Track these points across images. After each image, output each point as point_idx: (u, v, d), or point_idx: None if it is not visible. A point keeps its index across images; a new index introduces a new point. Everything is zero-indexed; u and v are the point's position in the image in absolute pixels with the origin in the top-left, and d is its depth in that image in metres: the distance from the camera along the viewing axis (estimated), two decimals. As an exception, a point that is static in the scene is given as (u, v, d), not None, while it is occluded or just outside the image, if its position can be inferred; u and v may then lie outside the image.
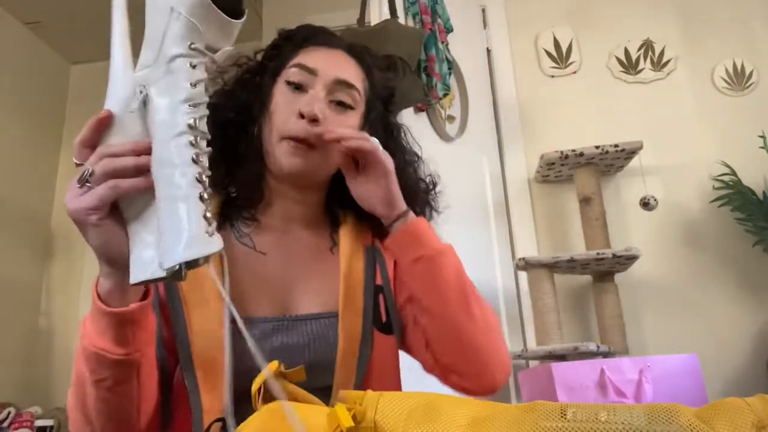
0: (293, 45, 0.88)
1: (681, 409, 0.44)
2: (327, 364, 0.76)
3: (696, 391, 1.63)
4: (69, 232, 2.96)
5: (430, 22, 1.87)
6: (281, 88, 0.84)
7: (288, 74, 0.84)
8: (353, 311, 0.80)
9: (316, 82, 0.82)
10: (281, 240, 0.86)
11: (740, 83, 2.37)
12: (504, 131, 2.42)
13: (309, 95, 0.81)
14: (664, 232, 2.25)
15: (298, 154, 0.80)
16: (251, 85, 0.87)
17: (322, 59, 0.84)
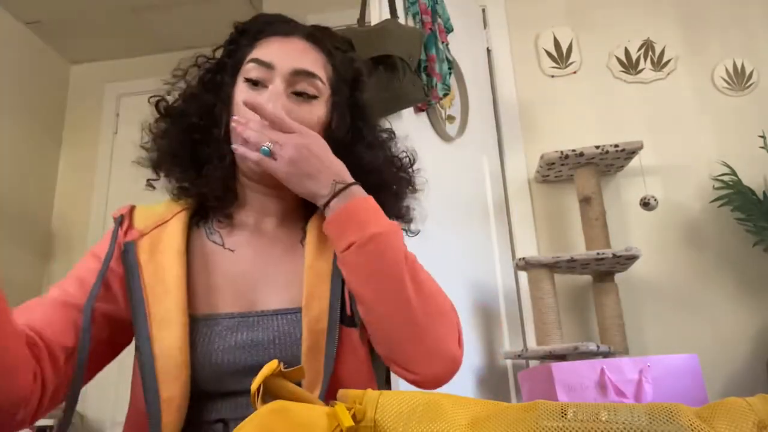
0: (249, 38, 0.86)
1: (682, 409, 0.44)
2: (293, 360, 0.74)
3: (696, 391, 1.63)
4: (69, 232, 2.96)
5: (430, 22, 1.86)
6: (241, 87, 0.82)
7: (245, 71, 0.82)
8: (318, 305, 0.77)
9: (274, 75, 0.80)
10: (252, 237, 0.85)
11: (740, 83, 2.37)
12: (504, 131, 2.42)
13: (268, 91, 0.80)
14: (664, 232, 2.25)
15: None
16: (212, 85, 0.86)
17: (277, 51, 0.82)
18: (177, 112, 0.86)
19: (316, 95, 0.82)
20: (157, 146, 0.88)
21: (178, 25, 2.99)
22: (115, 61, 3.23)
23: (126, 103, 3.15)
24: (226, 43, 0.88)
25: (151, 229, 0.82)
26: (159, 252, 0.79)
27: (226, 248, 0.84)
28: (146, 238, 0.80)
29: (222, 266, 0.82)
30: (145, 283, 0.76)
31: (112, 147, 3.08)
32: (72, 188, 3.04)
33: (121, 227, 0.82)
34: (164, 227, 0.82)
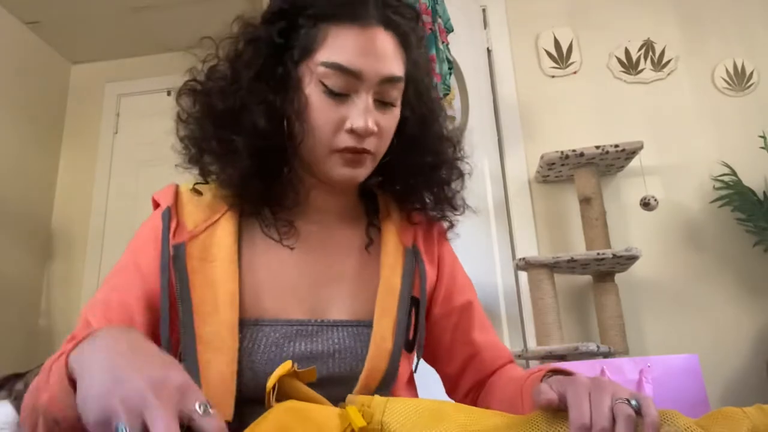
0: (310, 17, 0.71)
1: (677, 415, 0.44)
2: (348, 377, 0.69)
3: (696, 392, 1.63)
4: (69, 232, 2.96)
5: (430, 22, 1.86)
6: (315, 89, 0.70)
7: (322, 74, 0.69)
8: (387, 324, 0.71)
9: (361, 87, 0.69)
10: (313, 235, 0.77)
11: (740, 83, 2.37)
12: (504, 131, 2.42)
13: (356, 106, 0.69)
14: (664, 233, 2.24)
15: (353, 165, 0.71)
16: (271, 76, 0.72)
17: (361, 53, 0.68)
18: (235, 105, 0.72)
19: (397, 102, 0.74)
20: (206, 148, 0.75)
21: (178, 25, 2.99)
22: (115, 61, 3.22)
23: (126, 103, 3.15)
24: (273, 14, 0.73)
25: (201, 230, 0.72)
26: (209, 261, 0.70)
27: (284, 245, 0.75)
28: (197, 241, 0.71)
29: (278, 265, 0.74)
30: (193, 298, 0.67)
31: (112, 147, 3.08)
32: (72, 188, 3.04)
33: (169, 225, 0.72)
34: (214, 229, 0.72)
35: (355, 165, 0.71)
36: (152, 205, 0.77)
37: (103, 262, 2.84)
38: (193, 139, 0.76)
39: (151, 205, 0.78)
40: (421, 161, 0.78)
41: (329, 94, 0.69)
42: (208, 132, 0.74)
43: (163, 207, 0.74)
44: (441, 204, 0.82)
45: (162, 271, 0.69)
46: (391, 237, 0.78)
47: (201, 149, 0.75)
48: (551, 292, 1.95)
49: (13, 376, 1.77)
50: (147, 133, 3.02)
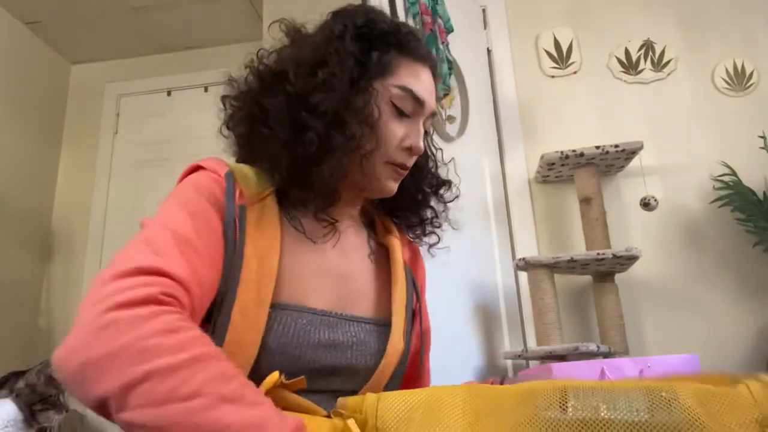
0: (391, 45, 0.81)
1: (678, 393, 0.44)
2: (361, 370, 0.77)
3: (696, 392, 1.63)
4: (69, 232, 2.96)
5: (430, 23, 1.86)
6: (386, 108, 0.80)
7: (395, 96, 0.80)
8: (401, 324, 0.81)
9: (420, 113, 0.82)
10: (332, 234, 0.83)
11: (740, 83, 2.37)
12: (504, 131, 2.42)
13: (415, 128, 0.82)
14: (664, 233, 2.25)
15: (395, 179, 0.83)
16: (355, 81, 0.77)
17: (425, 87, 0.82)
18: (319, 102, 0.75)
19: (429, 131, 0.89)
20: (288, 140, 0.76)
21: (178, 25, 2.98)
22: (115, 61, 3.22)
23: (126, 103, 3.15)
24: (357, 34, 0.80)
25: (255, 200, 0.74)
26: (260, 232, 0.72)
27: (307, 238, 0.79)
28: (253, 209, 0.73)
29: (306, 256, 0.78)
30: (243, 263, 0.68)
31: (112, 147, 3.08)
32: (72, 188, 3.04)
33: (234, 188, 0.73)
34: (264, 204, 0.75)
35: (397, 180, 0.83)
36: (188, 170, 0.75)
37: (103, 262, 2.84)
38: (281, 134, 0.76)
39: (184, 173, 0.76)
40: (421, 185, 0.93)
41: (397, 113, 0.80)
42: (308, 125, 0.74)
43: (219, 171, 0.73)
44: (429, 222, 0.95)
45: (227, 227, 0.68)
46: (398, 253, 0.87)
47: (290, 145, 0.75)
48: (551, 292, 1.95)
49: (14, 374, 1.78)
50: (147, 133, 3.02)
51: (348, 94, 0.76)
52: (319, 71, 0.76)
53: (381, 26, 0.81)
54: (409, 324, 0.84)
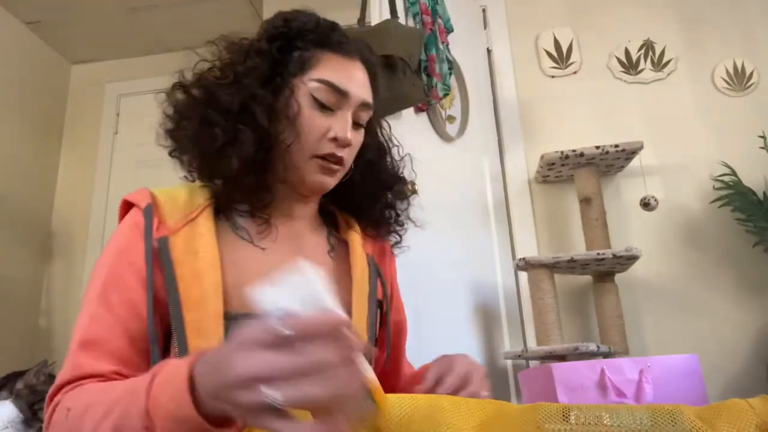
0: (308, 42, 0.82)
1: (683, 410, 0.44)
2: None
3: (696, 392, 1.63)
4: (69, 232, 2.96)
5: (430, 22, 1.86)
6: (306, 101, 0.80)
7: (314, 89, 0.80)
8: (361, 324, 0.79)
9: (345, 105, 0.81)
10: (283, 237, 0.84)
11: (740, 83, 2.37)
12: (504, 131, 2.42)
13: (339, 119, 0.80)
14: (664, 233, 2.24)
15: (326, 172, 0.82)
16: (267, 81, 0.80)
17: (349, 78, 0.82)
18: (241, 102, 0.79)
19: (364, 124, 0.86)
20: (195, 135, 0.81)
21: (178, 25, 2.98)
22: (115, 61, 3.22)
23: (126, 103, 3.15)
24: (272, 35, 0.83)
25: (181, 226, 0.77)
26: (192, 254, 0.75)
27: (256, 246, 0.81)
28: (178, 236, 0.76)
29: (253, 264, 0.79)
30: (179, 287, 0.72)
31: (112, 147, 3.08)
32: (72, 188, 3.04)
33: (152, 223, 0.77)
34: (194, 225, 0.78)
35: (328, 173, 0.82)
36: (121, 208, 0.82)
37: (103, 262, 2.84)
38: (189, 130, 0.81)
39: (119, 209, 0.82)
40: (376, 182, 0.91)
41: (318, 106, 0.80)
42: (213, 121, 0.79)
43: (141, 205, 0.79)
44: (391, 220, 0.94)
45: (147, 263, 0.73)
46: (357, 245, 0.87)
47: (196, 140, 0.80)
48: (551, 292, 1.95)
49: (14, 374, 1.77)
50: (147, 133, 3.01)
51: (257, 90, 0.78)
52: (228, 71, 0.80)
53: (299, 25, 0.83)
54: (372, 315, 0.82)
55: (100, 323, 0.71)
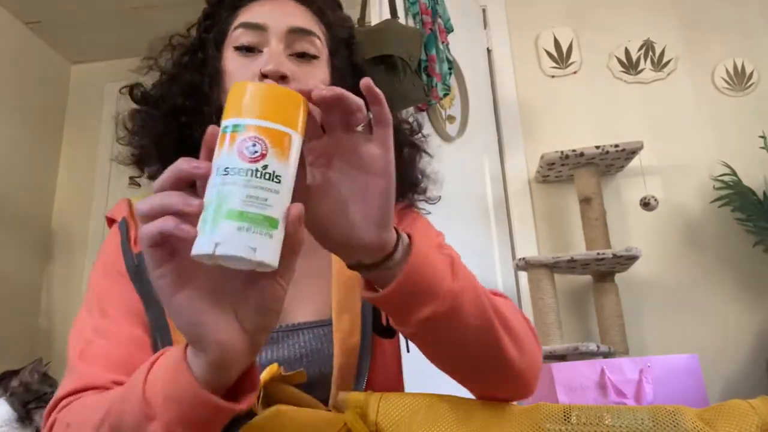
0: (229, 7, 0.78)
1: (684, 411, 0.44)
2: (323, 379, 0.67)
3: (696, 391, 1.63)
4: (69, 232, 2.96)
5: (430, 22, 1.86)
6: (230, 57, 0.73)
7: (233, 39, 0.73)
8: (349, 318, 0.69)
9: (269, 37, 0.72)
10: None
11: (741, 83, 2.37)
12: (504, 131, 2.42)
13: (265, 53, 0.71)
14: (664, 233, 2.24)
15: None
16: (194, 64, 0.78)
17: (268, 11, 0.74)
18: (156, 97, 0.79)
19: (317, 55, 0.74)
20: (137, 139, 0.80)
21: (178, 25, 2.98)
22: (115, 61, 3.22)
23: (126, 103, 3.14)
24: (203, 17, 0.81)
25: None
26: None
27: None
28: None
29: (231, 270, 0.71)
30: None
31: (112, 147, 3.08)
32: (72, 188, 3.04)
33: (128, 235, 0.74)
34: None
35: None
36: (107, 224, 0.80)
37: (103, 262, 2.84)
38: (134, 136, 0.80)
39: (106, 224, 0.80)
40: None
41: (240, 52, 0.73)
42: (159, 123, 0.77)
43: (117, 219, 0.77)
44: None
45: (134, 280, 0.71)
46: None
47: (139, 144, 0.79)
48: (551, 292, 1.95)
49: (9, 373, 1.77)
50: (147, 133, 3.01)
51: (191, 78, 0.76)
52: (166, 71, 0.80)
53: (214, 3, 0.80)
54: (370, 306, 0.69)
55: (100, 334, 0.68)
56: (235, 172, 0.40)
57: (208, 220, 0.40)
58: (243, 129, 0.41)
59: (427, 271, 0.50)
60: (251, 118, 0.42)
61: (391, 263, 0.49)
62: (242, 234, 0.39)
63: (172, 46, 0.81)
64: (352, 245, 0.48)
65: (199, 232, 0.40)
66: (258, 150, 0.41)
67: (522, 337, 0.58)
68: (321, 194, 0.48)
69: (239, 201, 0.40)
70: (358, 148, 0.48)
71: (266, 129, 0.42)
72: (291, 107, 0.44)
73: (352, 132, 0.48)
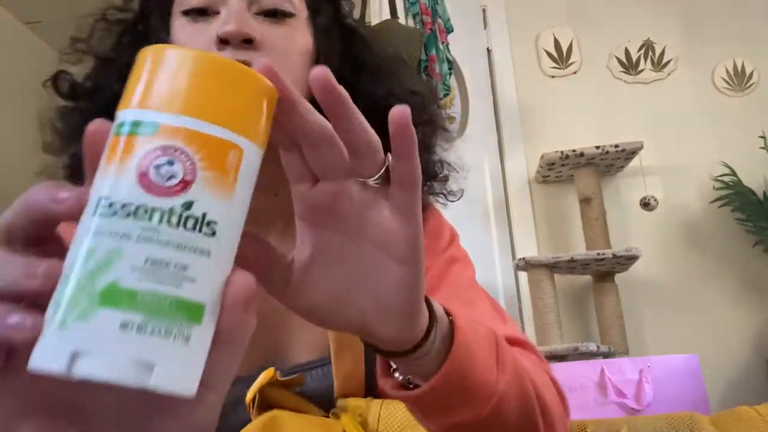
0: None
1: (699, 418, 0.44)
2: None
3: (696, 392, 1.63)
4: (69, 232, 2.96)
5: (430, 22, 1.86)
6: (178, 25, 0.56)
7: (182, 2, 0.56)
8: (351, 356, 0.56)
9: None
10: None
11: (741, 83, 2.37)
12: (504, 131, 2.42)
13: (223, 14, 0.53)
14: (664, 233, 2.24)
15: None
16: (136, 42, 0.61)
17: None
18: (91, 87, 0.63)
19: (292, 12, 0.56)
20: (68, 145, 0.62)
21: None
22: (115, 61, 3.23)
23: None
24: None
25: None
26: None
27: None
28: None
29: None
30: None
31: (112, 147, 3.08)
32: (72, 188, 3.04)
33: None
34: None
35: None
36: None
37: (103, 262, 2.84)
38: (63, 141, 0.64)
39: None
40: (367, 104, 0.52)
41: (190, 17, 0.55)
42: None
43: None
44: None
45: None
46: None
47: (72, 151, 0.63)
48: (551, 292, 1.95)
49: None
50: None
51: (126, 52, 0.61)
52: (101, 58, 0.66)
53: None
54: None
55: None
56: (128, 210, 0.23)
57: (64, 303, 0.22)
58: (151, 131, 0.24)
59: (470, 367, 0.38)
60: (169, 111, 0.24)
61: (420, 353, 0.36)
62: (129, 336, 0.22)
63: (107, 22, 0.65)
64: (363, 336, 0.35)
65: (46, 327, 0.22)
66: (177, 172, 0.23)
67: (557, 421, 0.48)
68: (313, 264, 0.33)
69: (130, 269, 0.22)
70: (367, 212, 0.32)
71: (196, 134, 0.24)
72: (246, 98, 0.26)
73: (357, 182, 0.32)
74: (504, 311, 0.62)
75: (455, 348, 0.36)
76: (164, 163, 0.23)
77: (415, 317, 0.34)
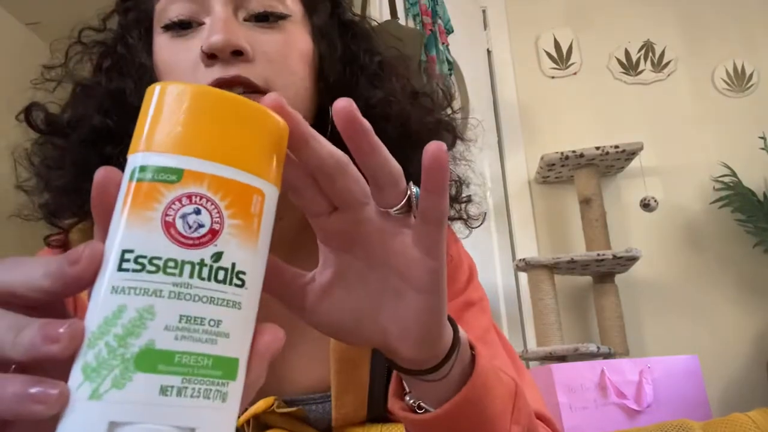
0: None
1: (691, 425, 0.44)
2: None
3: (696, 392, 1.63)
4: (69, 233, 2.96)
5: (430, 23, 1.86)
6: (160, 42, 0.51)
7: (160, 15, 0.50)
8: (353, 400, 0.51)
9: (210, 5, 0.48)
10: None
11: (741, 84, 2.37)
12: (504, 132, 2.42)
13: (207, 24, 0.48)
14: (664, 234, 2.24)
15: None
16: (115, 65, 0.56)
17: None
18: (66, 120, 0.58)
19: (285, 13, 0.50)
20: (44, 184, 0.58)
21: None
22: (115, 62, 3.23)
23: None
24: (118, 2, 0.59)
25: None
26: None
27: None
28: None
29: None
30: None
31: (112, 147, 3.08)
32: (72, 189, 3.04)
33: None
34: None
35: None
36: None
37: (103, 262, 2.84)
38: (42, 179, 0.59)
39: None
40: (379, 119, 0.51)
41: (172, 32, 0.50)
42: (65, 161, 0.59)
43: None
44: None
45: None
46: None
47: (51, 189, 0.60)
48: (551, 292, 1.95)
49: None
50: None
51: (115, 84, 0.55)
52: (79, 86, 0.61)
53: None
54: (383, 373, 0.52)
55: None
56: (157, 264, 0.21)
57: (95, 370, 0.20)
58: (175, 177, 0.22)
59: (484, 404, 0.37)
60: (192, 156, 0.23)
61: (438, 375, 0.36)
62: (169, 401, 0.20)
63: (83, 45, 0.59)
64: (384, 352, 0.36)
65: (73, 397, 0.20)
66: (205, 221, 0.22)
67: None
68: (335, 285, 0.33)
69: (164, 329, 0.21)
70: (389, 240, 0.32)
71: (220, 180, 0.23)
72: (262, 138, 0.25)
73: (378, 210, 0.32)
74: (521, 363, 0.59)
75: (473, 379, 0.36)
76: (191, 212, 0.22)
77: (436, 342, 0.34)
